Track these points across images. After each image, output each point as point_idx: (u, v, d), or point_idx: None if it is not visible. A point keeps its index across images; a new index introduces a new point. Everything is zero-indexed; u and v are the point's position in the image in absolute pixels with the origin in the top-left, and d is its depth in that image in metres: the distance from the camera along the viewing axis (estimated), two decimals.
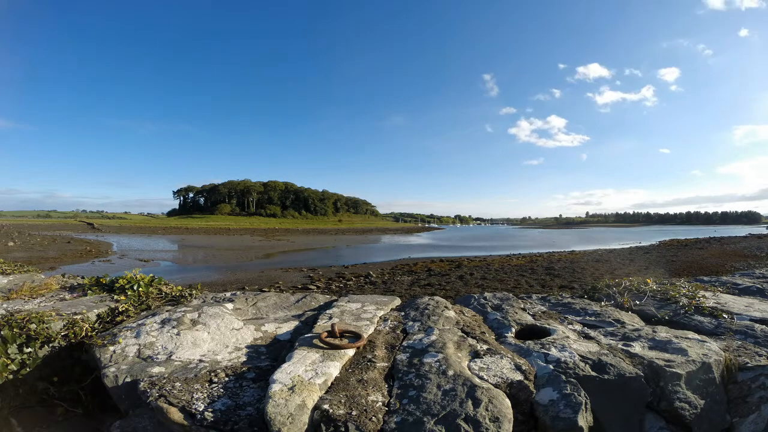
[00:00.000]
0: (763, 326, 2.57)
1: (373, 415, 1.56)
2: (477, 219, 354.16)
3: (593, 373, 1.86)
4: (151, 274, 3.19)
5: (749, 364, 2.05)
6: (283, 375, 1.76)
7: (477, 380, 1.78)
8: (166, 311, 2.58)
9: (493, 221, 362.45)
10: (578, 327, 2.61)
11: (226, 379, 1.87)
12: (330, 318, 2.62)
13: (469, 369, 1.92)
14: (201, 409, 1.62)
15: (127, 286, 2.91)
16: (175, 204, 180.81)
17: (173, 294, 3.02)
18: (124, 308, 2.63)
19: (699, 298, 3.19)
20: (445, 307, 2.89)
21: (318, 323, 2.53)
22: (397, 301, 3.13)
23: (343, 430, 1.48)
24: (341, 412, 1.55)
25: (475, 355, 2.08)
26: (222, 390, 1.77)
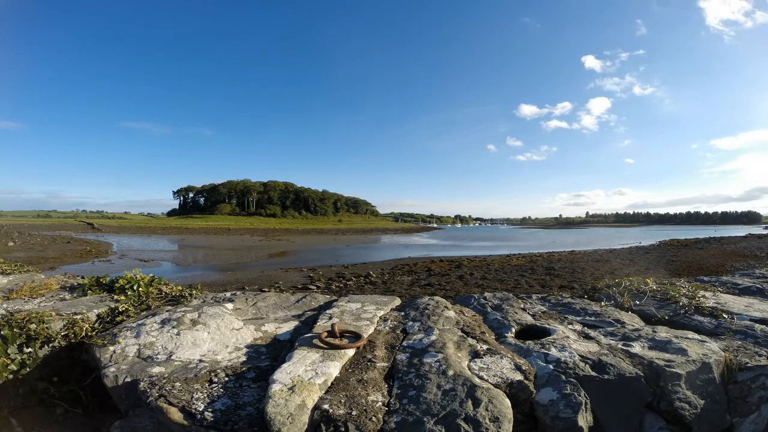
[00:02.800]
0: (763, 326, 2.57)
1: (373, 415, 1.56)
2: (477, 219, 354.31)
3: (593, 373, 1.86)
4: (151, 274, 3.19)
5: (749, 364, 2.05)
6: (283, 375, 1.76)
7: (477, 380, 1.78)
8: (166, 311, 2.58)
9: (493, 221, 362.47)
10: (578, 327, 2.61)
11: (226, 379, 1.87)
12: (330, 318, 2.62)
13: (469, 369, 1.92)
14: (201, 409, 1.62)
15: (127, 286, 2.91)
16: (175, 204, 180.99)
17: (173, 294, 3.02)
18: (124, 308, 2.63)
19: (699, 298, 3.19)
20: (445, 307, 2.89)
21: (318, 323, 2.53)
22: (397, 301, 3.13)
23: (343, 430, 1.48)
24: (341, 412, 1.55)
25: (475, 355, 2.08)
26: (222, 390, 1.77)
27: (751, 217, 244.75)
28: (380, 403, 1.65)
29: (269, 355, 2.16)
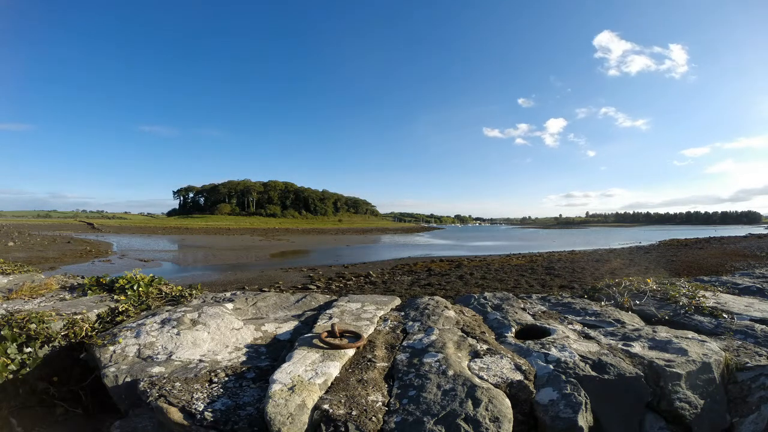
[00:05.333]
0: (763, 326, 2.57)
1: (373, 415, 1.56)
2: (477, 219, 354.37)
3: (593, 373, 1.86)
4: (151, 274, 3.19)
5: (749, 364, 2.05)
6: (283, 375, 1.76)
7: (477, 380, 1.78)
8: (166, 311, 2.58)
9: (493, 221, 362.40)
10: (578, 327, 2.61)
11: (226, 379, 1.87)
12: (330, 318, 2.62)
13: (469, 369, 1.92)
14: (201, 409, 1.62)
15: (127, 286, 2.91)
16: (175, 204, 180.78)
17: (173, 294, 3.02)
18: (124, 308, 2.63)
19: (699, 298, 3.19)
20: (445, 307, 2.90)
21: (318, 323, 2.53)
22: (397, 301, 3.13)
23: (343, 430, 1.48)
24: (341, 412, 1.55)
25: (475, 354, 2.08)
26: (222, 390, 1.77)
27: (751, 217, 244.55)
28: (380, 403, 1.66)
29: (269, 355, 2.16)
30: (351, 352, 2.08)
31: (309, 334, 2.29)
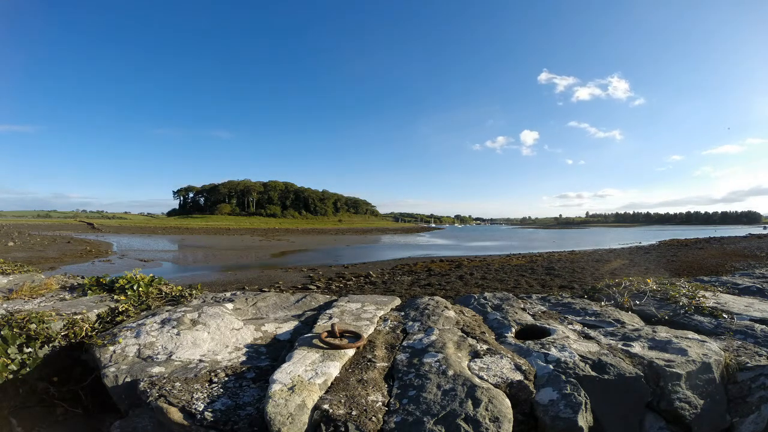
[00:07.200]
0: (763, 326, 2.57)
1: (373, 415, 1.56)
2: (477, 219, 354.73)
3: (593, 373, 1.86)
4: (151, 274, 3.19)
5: (749, 364, 2.05)
6: (283, 375, 1.76)
7: (477, 380, 1.78)
8: (166, 311, 2.58)
9: (493, 221, 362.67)
10: (578, 327, 2.61)
11: (226, 378, 1.87)
12: (330, 318, 2.62)
13: (469, 369, 1.92)
14: (201, 409, 1.62)
15: (127, 286, 2.91)
16: (175, 204, 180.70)
17: (173, 294, 3.02)
18: (124, 308, 2.63)
19: (699, 298, 3.19)
20: (445, 307, 2.90)
21: (318, 323, 2.53)
22: (397, 301, 3.13)
23: (343, 430, 1.48)
24: (341, 412, 1.55)
25: (475, 355, 2.08)
26: (222, 390, 1.77)
27: (751, 217, 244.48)
28: (380, 403, 1.66)
29: (269, 355, 2.16)
30: (351, 352, 2.08)
31: (309, 334, 2.29)
